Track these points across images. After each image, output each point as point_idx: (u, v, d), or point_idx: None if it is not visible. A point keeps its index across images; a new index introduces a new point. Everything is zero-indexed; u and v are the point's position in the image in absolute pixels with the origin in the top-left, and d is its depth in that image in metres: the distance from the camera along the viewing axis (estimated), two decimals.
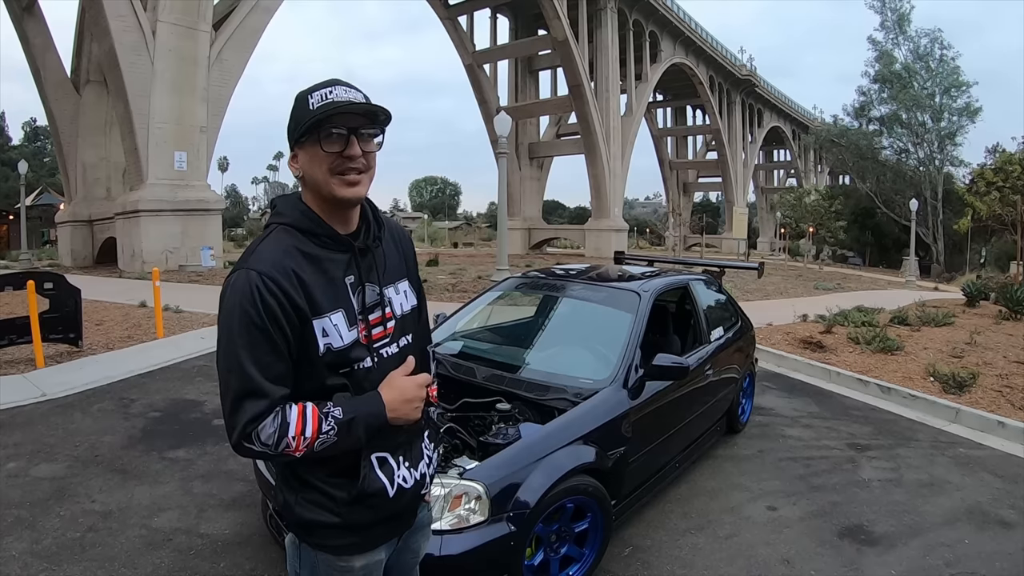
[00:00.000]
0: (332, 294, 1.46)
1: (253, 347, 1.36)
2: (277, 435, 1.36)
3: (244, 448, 1.38)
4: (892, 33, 42.75)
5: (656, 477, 3.91)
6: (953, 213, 38.07)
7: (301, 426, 1.37)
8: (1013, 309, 11.80)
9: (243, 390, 1.36)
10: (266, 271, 1.38)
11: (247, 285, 1.37)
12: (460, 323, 4.69)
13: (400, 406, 1.49)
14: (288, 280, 1.39)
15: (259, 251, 1.44)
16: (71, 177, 23.56)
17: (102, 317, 9.24)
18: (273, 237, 1.47)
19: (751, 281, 18.03)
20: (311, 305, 1.42)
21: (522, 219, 41.50)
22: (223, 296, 1.42)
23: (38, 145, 68.18)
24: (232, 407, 1.36)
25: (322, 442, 1.39)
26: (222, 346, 1.39)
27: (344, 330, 1.47)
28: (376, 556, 1.61)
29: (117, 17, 17.42)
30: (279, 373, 1.39)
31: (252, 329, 1.36)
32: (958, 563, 3.48)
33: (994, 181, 28.10)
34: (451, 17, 39.93)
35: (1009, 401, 6.33)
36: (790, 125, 68.72)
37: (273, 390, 1.37)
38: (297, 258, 1.43)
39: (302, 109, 1.43)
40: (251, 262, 1.41)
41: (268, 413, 1.36)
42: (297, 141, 1.44)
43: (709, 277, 5.58)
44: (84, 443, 4.75)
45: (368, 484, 1.50)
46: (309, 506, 1.51)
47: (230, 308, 1.38)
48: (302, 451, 1.38)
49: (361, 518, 1.52)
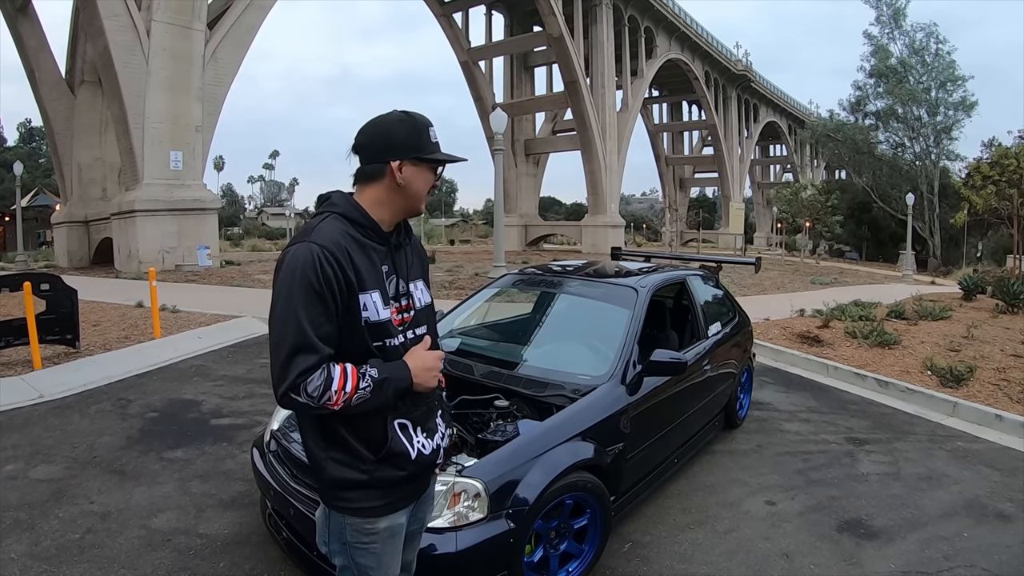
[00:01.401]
0: (374, 275, 1.71)
1: (310, 308, 1.57)
2: (322, 388, 1.56)
3: (289, 399, 1.57)
4: (888, 28, 42.78)
5: (655, 473, 3.91)
6: (949, 207, 38.02)
7: (343, 382, 1.59)
8: (1010, 303, 11.82)
9: (298, 344, 1.56)
10: (326, 244, 1.62)
11: (309, 254, 1.59)
12: (457, 320, 4.69)
13: (422, 373, 1.74)
14: (343, 255, 1.63)
15: (319, 229, 1.66)
16: (67, 178, 23.48)
17: (99, 318, 9.22)
18: (329, 221, 1.70)
19: (748, 276, 18.05)
20: (359, 280, 1.66)
21: (518, 216, 41.44)
22: (281, 264, 1.64)
23: (33, 146, 68.01)
24: (286, 360, 1.55)
25: (359, 397, 1.61)
26: (280, 305, 1.60)
27: (380, 307, 1.71)
28: (398, 519, 1.83)
29: (111, 17, 17.34)
30: (328, 334, 1.61)
31: (311, 292, 1.58)
32: (957, 556, 3.49)
33: (990, 175, 28.00)
34: (446, 14, 39.82)
35: (1006, 394, 6.35)
36: (786, 120, 68.74)
37: (323, 348, 1.58)
38: (349, 240, 1.67)
39: (424, 136, 1.73)
40: (313, 236, 1.64)
41: (317, 368, 1.56)
42: (415, 159, 1.72)
43: (706, 272, 5.58)
44: (82, 444, 4.74)
45: (395, 444, 1.72)
46: (338, 466, 1.72)
47: (291, 272, 1.59)
48: (340, 405, 1.60)
49: (386, 475, 1.74)
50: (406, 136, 1.72)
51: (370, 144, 1.73)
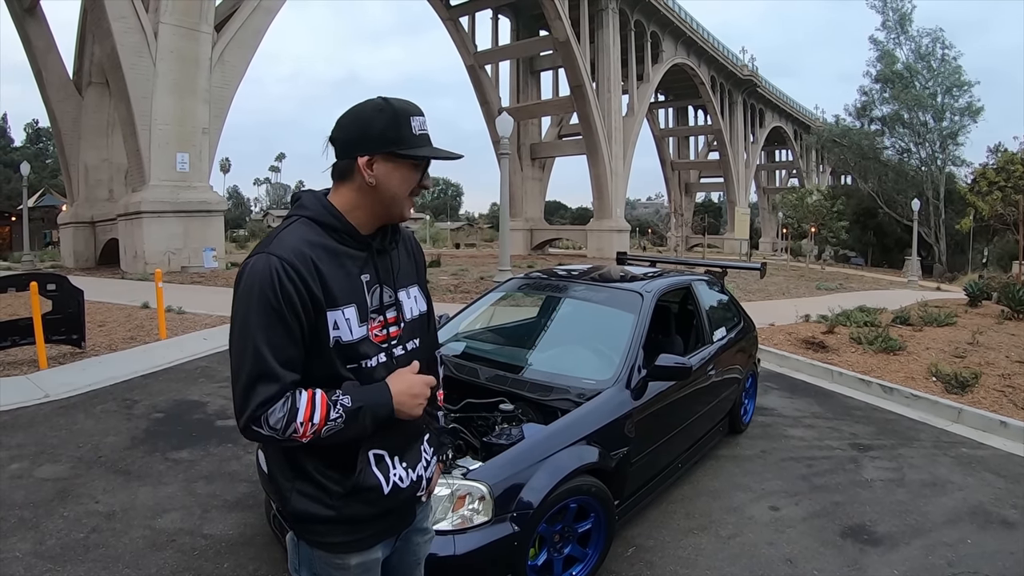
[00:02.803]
0: (348, 288, 1.49)
1: (269, 330, 1.38)
2: (286, 420, 1.37)
3: (252, 431, 1.39)
4: (893, 33, 42.66)
5: (659, 477, 3.91)
6: (955, 213, 37.89)
7: (310, 412, 1.39)
8: (1015, 309, 11.77)
9: (256, 372, 1.37)
10: (287, 257, 1.41)
11: (267, 269, 1.39)
12: (463, 324, 4.70)
13: (406, 400, 1.52)
14: (307, 268, 1.42)
15: (280, 238, 1.47)
16: (73, 179, 23.59)
17: (105, 318, 9.26)
18: (295, 227, 1.50)
19: (753, 281, 18.02)
20: (327, 296, 1.45)
21: (524, 220, 41.43)
22: (240, 279, 1.43)
23: (40, 147, 68.34)
24: (244, 389, 1.37)
25: (329, 429, 1.41)
26: (237, 327, 1.41)
27: (355, 325, 1.49)
28: (372, 555, 1.62)
29: (119, 19, 17.44)
30: (292, 358, 1.41)
31: (269, 312, 1.38)
32: (960, 563, 3.48)
33: (996, 181, 27.93)
34: (452, 18, 39.91)
35: (1011, 401, 6.33)
36: (792, 125, 68.65)
37: (285, 375, 1.39)
38: (316, 249, 1.46)
39: (404, 128, 1.48)
40: (272, 247, 1.43)
41: (279, 397, 1.38)
42: (388, 154, 1.49)
43: (711, 277, 5.58)
44: (87, 444, 4.76)
45: (364, 478, 1.51)
46: (303, 498, 1.52)
47: (248, 290, 1.40)
48: (309, 437, 1.40)
49: (355, 512, 1.53)
50: (381, 128, 1.48)
51: (341, 137, 1.51)
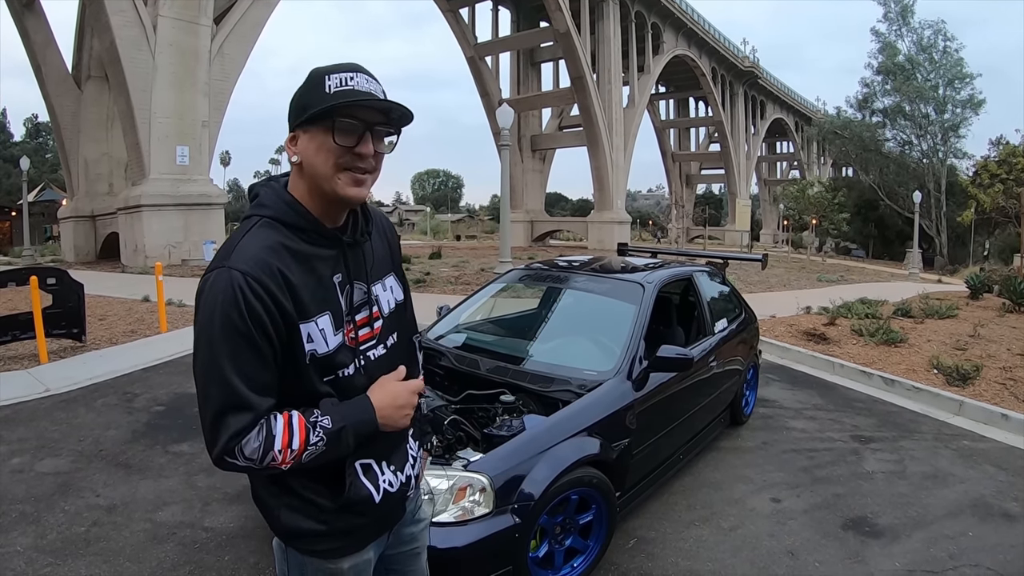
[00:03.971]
0: (320, 296, 1.36)
1: (236, 356, 1.24)
2: (262, 449, 1.25)
3: (226, 463, 1.26)
4: (895, 25, 42.49)
5: (660, 469, 3.91)
6: (956, 205, 37.82)
7: (288, 438, 1.27)
8: (1017, 302, 11.75)
9: (226, 404, 1.24)
10: (250, 271, 1.25)
11: (230, 287, 1.24)
12: (463, 315, 4.69)
13: (391, 412, 1.42)
14: (274, 281, 1.27)
15: (241, 247, 1.30)
16: (73, 173, 23.53)
17: (105, 312, 9.26)
18: (256, 231, 1.34)
19: (754, 273, 18.01)
20: (298, 308, 1.31)
21: (525, 211, 41.36)
22: (199, 297, 1.29)
23: (40, 141, 68.20)
24: (213, 421, 1.24)
25: (310, 453, 1.30)
26: (200, 354, 1.27)
27: (330, 334, 1.37)
28: (364, 556, 1.55)
29: (118, 12, 17.37)
30: (265, 383, 1.28)
31: (235, 336, 1.24)
32: (962, 555, 3.48)
33: (998, 173, 27.91)
34: (452, 10, 39.72)
35: (1013, 394, 6.32)
36: (793, 117, 68.43)
37: (258, 402, 1.26)
38: (283, 256, 1.31)
39: (316, 89, 1.29)
40: (233, 260, 1.27)
41: (253, 427, 1.25)
42: (302, 123, 1.31)
43: (713, 269, 5.57)
44: (88, 438, 4.77)
45: (354, 492, 1.43)
46: (293, 514, 1.43)
47: (210, 312, 1.25)
48: (289, 463, 1.29)
49: (347, 524, 1.47)
50: (297, 98, 1.32)
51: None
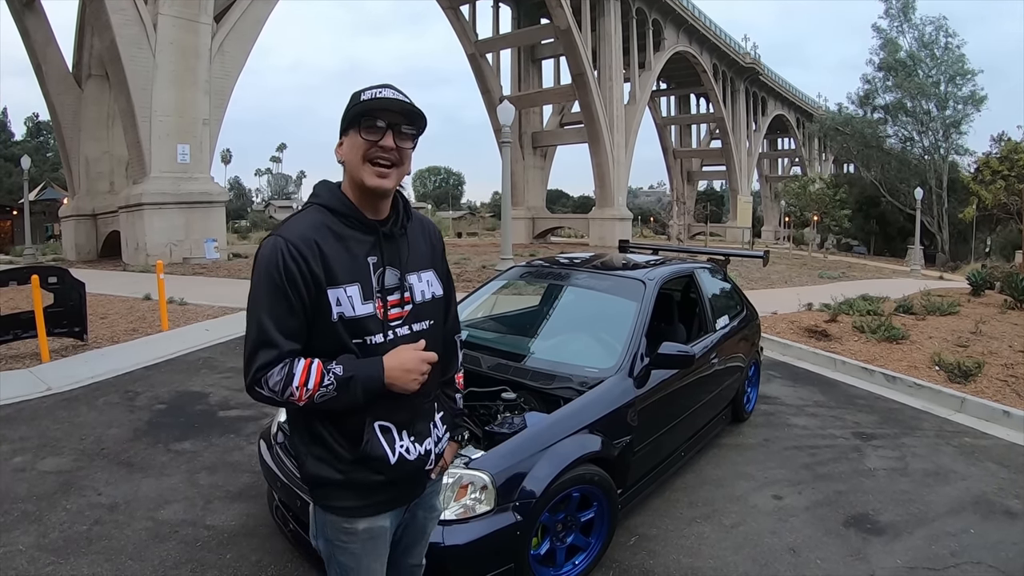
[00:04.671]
0: (351, 269, 1.63)
1: (272, 304, 1.56)
2: (283, 383, 1.54)
3: (255, 392, 1.57)
4: (897, 21, 42.33)
5: (662, 466, 3.91)
6: (958, 202, 37.83)
7: (305, 378, 1.54)
8: (1018, 298, 11.71)
9: (258, 340, 1.55)
10: (291, 239, 1.58)
11: (274, 250, 1.57)
12: (465, 312, 4.67)
13: (399, 374, 1.62)
14: (309, 250, 1.58)
15: (291, 223, 1.65)
16: (74, 171, 23.52)
17: (107, 310, 9.26)
18: (306, 213, 1.67)
19: (756, 269, 18.00)
20: (328, 276, 1.59)
21: (526, 208, 41.31)
22: (255, 257, 1.62)
23: (41, 140, 68.13)
24: (249, 354, 1.56)
25: (322, 395, 1.56)
26: (249, 300, 1.61)
27: (358, 303, 1.62)
28: (380, 522, 1.75)
29: (118, 11, 17.35)
30: (292, 329, 1.57)
31: (273, 287, 1.56)
32: (964, 552, 3.48)
33: (999, 170, 27.95)
34: (453, 7, 39.63)
35: (1014, 390, 6.31)
36: (794, 113, 68.34)
37: (284, 343, 1.56)
38: (323, 233, 1.62)
39: (353, 102, 1.63)
40: (281, 231, 1.62)
41: (277, 363, 1.54)
42: (344, 130, 1.65)
43: (714, 265, 5.56)
44: (90, 436, 4.77)
45: (370, 448, 1.65)
46: (317, 462, 1.68)
47: (258, 268, 1.59)
48: (304, 401, 1.55)
49: (362, 478, 1.67)
50: (344, 113, 1.66)
51: None
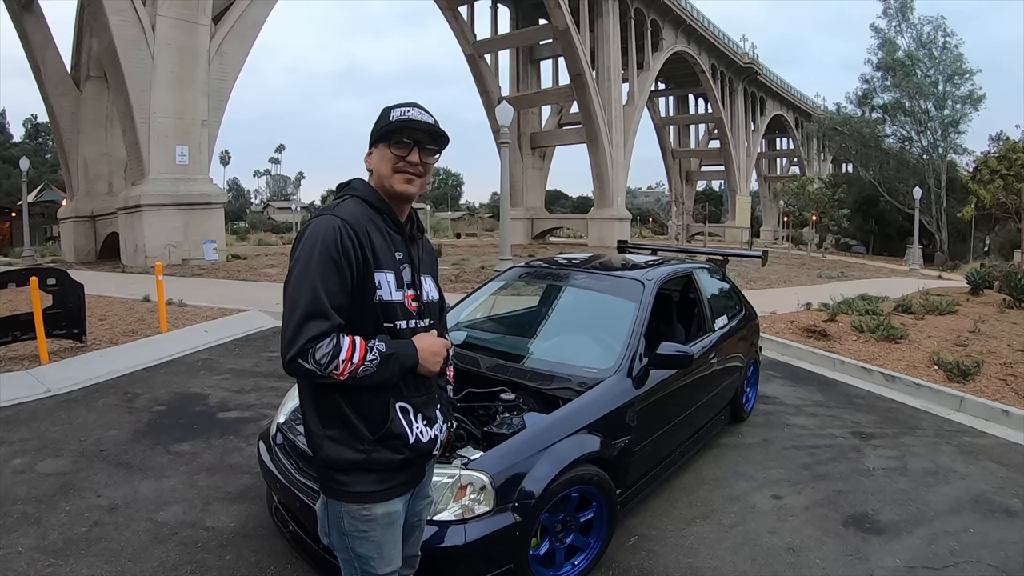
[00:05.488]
0: (389, 257, 1.78)
1: (327, 276, 1.63)
2: (330, 356, 1.60)
3: (297, 364, 1.61)
4: (895, 20, 42.33)
5: (661, 466, 3.91)
6: (957, 201, 37.76)
7: (351, 352, 1.63)
8: (1017, 298, 11.74)
9: (311, 310, 1.61)
10: (348, 219, 1.71)
11: (331, 226, 1.68)
12: (463, 313, 4.69)
13: (428, 356, 1.78)
14: (362, 231, 1.71)
15: (340, 206, 1.77)
16: (73, 173, 23.51)
17: (105, 312, 9.25)
18: (349, 202, 1.79)
19: (755, 269, 18.00)
20: (375, 259, 1.72)
21: (525, 209, 41.27)
22: (303, 235, 1.70)
23: (39, 142, 68.02)
24: (297, 325, 1.60)
25: (365, 370, 1.65)
26: (297, 271, 1.65)
27: (394, 288, 1.77)
28: (394, 506, 1.83)
29: (116, 12, 17.33)
30: (341, 304, 1.66)
31: (329, 261, 1.64)
32: (963, 552, 3.48)
33: (998, 169, 27.87)
34: (452, 7, 39.60)
35: (1013, 390, 6.32)
36: (793, 113, 68.34)
37: (335, 317, 1.64)
38: (368, 221, 1.76)
39: (384, 118, 1.79)
40: (336, 211, 1.73)
41: (327, 335, 1.61)
42: (374, 143, 1.82)
43: (713, 265, 5.57)
44: (89, 438, 4.77)
45: (394, 425, 1.75)
46: (336, 445, 1.74)
47: (312, 241, 1.66)
48: (345, 376, 1.63)
49: (383, 457, 1.75)
50: (374, 127, 1.82)
51: None
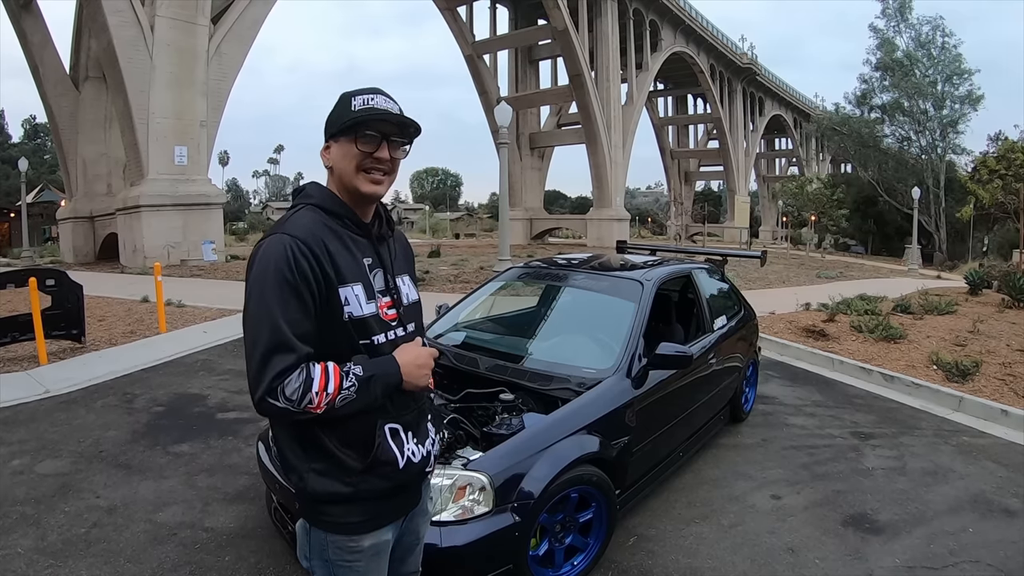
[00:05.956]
0: (355, 268, 1.60)
1: (285, 304, 1.46)
2: (302, 390, 1.44)
3: (267, 404, 1.44)
4: (893, 20, 42.33)
5: (660, 466, 3.91)
6: (955, 201, 37.74)
7: (324, 382, 1.46)
8: (1016, 297, 11.74)
9: (273, 344, 1.44)
10: (300, 236, 1.51)
11: (282, 247, 1.49)
12: (463, 314, 4.69)
13: (413, 370, 1.61)
14: (318, 246, 1.52)
15: (292, 221, 1.58)
16: (71, 173, 23.49)
17: (104, 313, 9.25)
18: (303, 212, 1.60)
19: (753, 270, 18.00)
20: (337, 273, 1.54)
21: (524, 209, 41.29)
22: (255, 258, 1.53)
23: (38, 142, 67.96)
24: (261, 361, 1.44)
25: (343, 398, 1.49)
26: (253, 303, 1.48)
27: (363, 302, 1.59)
28: (384, 536, 1.70)
29: (115, 13, 17.32)
30: (306, 331, 1.49)
31: (285, 287, 1.47)
32: (962, 551, 3.48)
33: (996, 169, 27.85)
34: (450, 8, 39.60)
35: (1012, 389, 6.32)
36: (792, 113, 68.38)
37: (301, 347, 1.47)
38: (325, 231, 1.57)
39: (344, 108, 1.59)
40: (285, 228, 1.54)
41: (295, 368, 1.45)
42: (333, 135, 1.61)
43: (712, 266, 5.57)
44: (88, 439, 4.76)
45: (382, 452, 1.60)
46: (321, 478, 1.58)
47: (264, 267, 1.49)
48: (323, 408, 1.47)
49: (373, 487, 1.61)
50: (331, 116, 1.62)
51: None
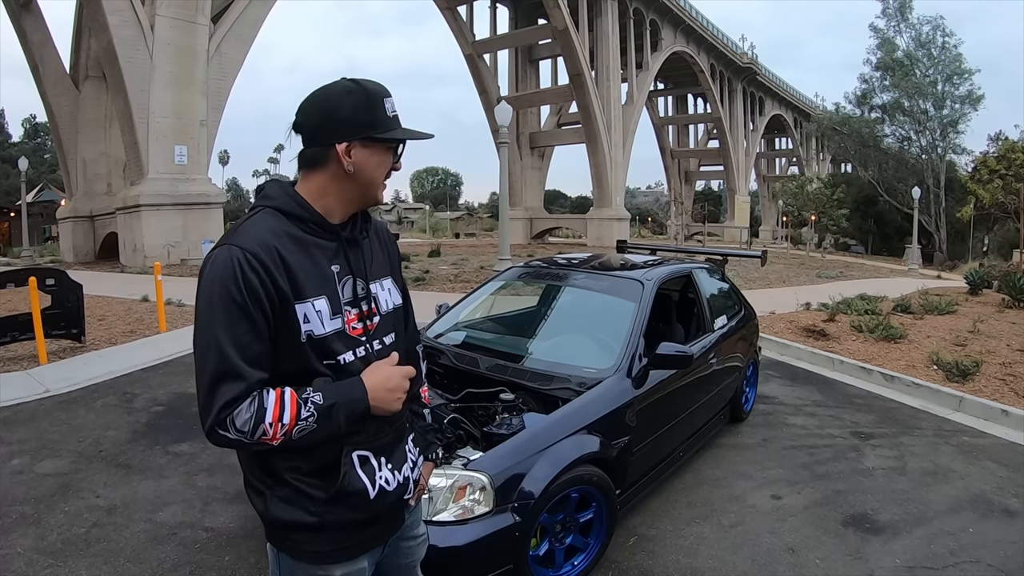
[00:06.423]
0: (317, 280, 1.42)
1: (232, 326, 1.30)
2: (253, 421, 1.28)
3: (218, 435, 1.29)
4: (894, 20, 42.34)
5: (660, 466, 3.90)
6: (956, 201, 37.75)
7: (279, 412, 1.31)
8: (1016, 297, 11.73)
9: (220, 371, 1.29)
10: (249, 247, 1.33)
11: (228, 261, 1.31)
12: (463, 313, 4.69)
13: (383, 395, 1.44)
14: (271, 258, 1.34)
15: (243, 229, 1.39)
16: (71, 173, 23.53)
17: (104, 312, 9.25)
18: (260, 217, 1.42)
19: (754, 269, 18.00)
20: (294, 288, 1.37)
21: (524, 209, 41.31)
22: (202, 272, 1.35)
23: (38, 141, 68.06)
24: (208, 390, 1.29)
25: (300, 429, 1.33)
26: (199, 324, 1.34)
27: (327, 318, 1.42)
28: (357, 565, 1.54)
29: (115, 12, 17.37)
30: (257, 355, 1.33)
31: (231, 306, 1.30)
32: (962, 551, 3.48)
33: (997, 169, 27.88)
34: (451, 7, 39.60)
35: (1012, 389, 6.32)
36: (792, 113, 68.39)
37: (251, 373, 1.31)
38: (283, 239, 1.38)
39: (377, 110, 1.43)
40: (234, 239, 1.36)
41: (245, 397, 1.29)
42: (369, 138, 1.43)
43: (712, 265, 5.56)
44: (88, 438, 4.76)
45: (348, 482, 1.43)
46: (284, 505, 1.43)
47: (209, 284, 1.32)
48: (279, 439, 1.31)
49: (340, 518, 1.45)
50: (354, 111, 1.42)
51: (309, 123, 1.43)
